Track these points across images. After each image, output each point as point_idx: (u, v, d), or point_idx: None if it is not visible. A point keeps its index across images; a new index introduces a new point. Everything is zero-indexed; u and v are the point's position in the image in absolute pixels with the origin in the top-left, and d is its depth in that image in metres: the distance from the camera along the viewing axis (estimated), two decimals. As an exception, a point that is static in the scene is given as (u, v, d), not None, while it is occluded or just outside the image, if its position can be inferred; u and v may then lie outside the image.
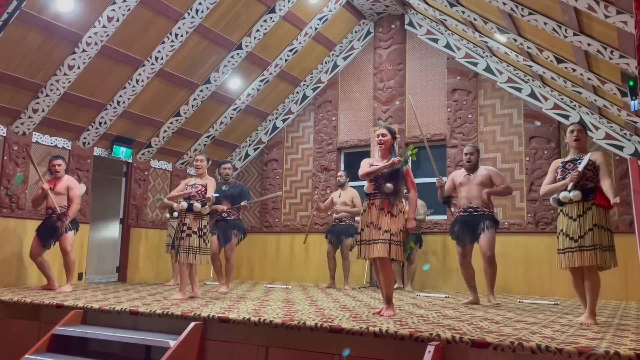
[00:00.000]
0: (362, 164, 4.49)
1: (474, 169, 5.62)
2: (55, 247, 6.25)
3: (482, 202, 5.46)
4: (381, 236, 4.16)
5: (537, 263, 7.18)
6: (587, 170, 4.02)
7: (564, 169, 4.15)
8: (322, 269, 8.17)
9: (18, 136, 6.70)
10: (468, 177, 5.57)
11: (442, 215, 8.01)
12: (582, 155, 4.15)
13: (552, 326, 3.70)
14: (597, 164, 4.03)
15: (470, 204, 5.51)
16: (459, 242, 5.51)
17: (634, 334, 3.36)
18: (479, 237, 5.40)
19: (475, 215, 5.46)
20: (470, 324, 3.70)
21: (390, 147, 4.44)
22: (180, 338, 3.70)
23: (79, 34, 6.30)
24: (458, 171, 5.89)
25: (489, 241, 5.36)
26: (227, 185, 6.76)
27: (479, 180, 5.52)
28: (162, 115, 8.06)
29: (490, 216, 5.49)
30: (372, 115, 8.76)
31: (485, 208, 5.48)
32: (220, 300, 5.12)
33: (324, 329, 3.39)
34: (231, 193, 6.68)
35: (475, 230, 5.43)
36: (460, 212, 5.59)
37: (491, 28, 6.04)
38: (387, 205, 4.24)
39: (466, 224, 5.49)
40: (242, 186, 6.93)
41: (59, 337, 4.25)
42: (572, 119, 7.22)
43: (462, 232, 5.49)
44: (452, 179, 5.76)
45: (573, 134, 4.19)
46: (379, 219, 4.23)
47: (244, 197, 6.72)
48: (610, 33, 4.14)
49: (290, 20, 7.96)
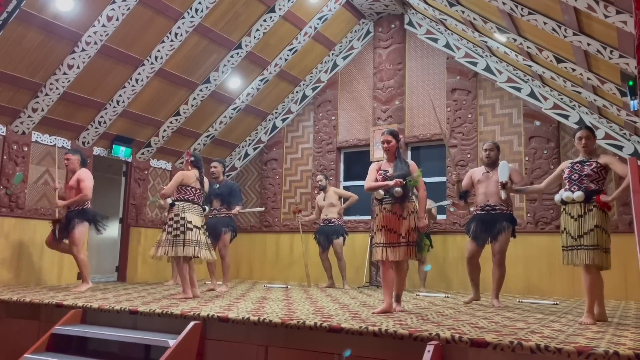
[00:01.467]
0: (369, 170, 4.70)
1: (493, 165, 5.45)
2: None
3: (500, 200, 5.28)
4: (396, 240, 4.39)
5: (536, 263, 7.18)
6: (595, 173, 4.10)
7: (572, 169, 4.22)
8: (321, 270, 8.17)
9: (17, 135, 6.70)
10: (487, 174, 5.42)
11: (441, 215, 8.01)
12: (590, 158, 4.21)
13: (551, 326, 3.70)
14: (610, 165, 4.12)
15: (487, 201, 5.34)
16: (477, 241, 5.34)
17: (633, 334, 3.36)
18: (496, 238, 5.26)
19: (493, 214, 5.30)
20: (469, 323, 3.70)
21: (395, 151, 4.66)
22: (179, 337, 3.70)
23: (78, 33, 6.29)
24: (477, 168, 5.75)
25: (503, 244, 5.23)
26: (218, 183, 6.74)
27: (497, 177, 5.31)
28: (162, 114, 8.06)
29: (509, 215, 5.30)
30: (371, 114, 8.76)
31: (504, 207, 5.30)
32: (219, 300, 5.12)
33: (323, 328, 3.39)
34: (221, 192, 6.65)
35: (492, 229, 5.27)
36: (477, 210, 5.44)
37: (491, 28, 6.04)
38: (398, 209, 4.45)
39: (484, 223, 5.32)
40: (232, 185, 6.85)
41: (59, 337, 4.25)
42: (571, 119, 7.22)
43: (479, 232, 5.32)
44: (471, 175, 5.61)
45: (581, 141, 4.25)
46: (393, 223, 4.44)
47: (233, 196, 6.67)
48: (610, 33, 4.14)
49: (290, 19, 7.96)
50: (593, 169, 4.10)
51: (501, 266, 5.28)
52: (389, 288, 4.40)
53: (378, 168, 4.66)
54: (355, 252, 8.28)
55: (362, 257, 8.28)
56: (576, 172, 4.16)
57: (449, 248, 7.75)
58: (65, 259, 7.09)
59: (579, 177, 4.13)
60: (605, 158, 4.17)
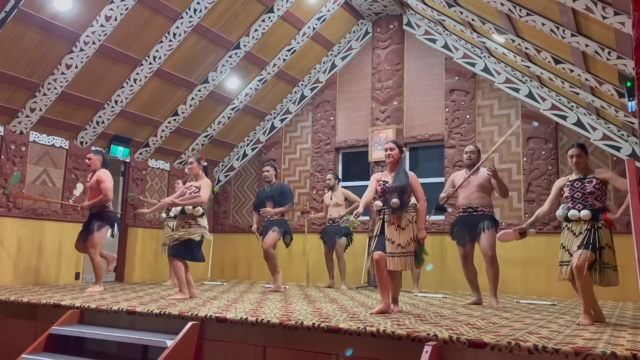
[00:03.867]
0: (370, 181, 4.80)
1: (473, 166, 5.61)
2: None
3: (481, 202, 5.46)
4: (394, 250, 4.43)
5: (534, 263, 7.19)
6: (597, 190, 4.16)
7: (572, 187, 4.26)
8: (322, 269, 8.18)
9: (15, 135, 6.68)
10: (468, 178, 5.56)
11: (440, 215, 8.01)
12: (586, 174, 4.25)
13: (549, 326, 3.71)
14: (610, 181, 4.18)
15: (469, 204, 5.50)
16: (459, 242, 5.52)
17: (631, 334, 3.37)
18: (479, 238, 5.40)
19: (474, 215, 5.46)
20: (467, 324, 3.71)
21: (397, 161, 4.69)
22: (177, 338, 3.69)
23: (76, 33, 6.28)
24: (458, 172, 5.91)
25: (489, 241, 5.35)
26: (270, 186, 6.74)
27: (478, 181, 5.52)
28: (160, 114, 8.05)
29: (490, 216, 5.49)
30: (370, 115, 8.76)
31: (485, 208, 5.48)
32: (217, 300, 5.11)
33: (321, 328, 3.39)
34: (272, 194, 6.65)
35: (474, 230, 5.43)
36: (459, 213, 5.59)
37: (489, 28, 6.05)
38: (395, 219, 4.50)
39: (466, 224, 5.49)
40: (282, 186, 6.83)
41: (56, 337, 4.24)
42: (569, 120, 7.22)
43: (461, 233, 5.50)
44: (452, 180, 5.76)
45: (572, 159, 4.32)
46: (390, 233, 4.49)
47: (283, 197, 6.63)
48: (608, 34, 4.15)
49: (288, 20, 7.96)
50: (594, 186, 4.16)
51: (493, 264, 5.38)
52: (386, 288, 4.43)
53: (378, 179, 4.72)
54: (355, 252, 8.27)
55: (360, 257, 8.28)
56: (578, 191, 4.21)
57: (446, 248, 7.75)
58: (63, 259, 7.09)
59: (583, 196, 4.18)
60: (604, 174, 4.23)
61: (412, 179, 4.59)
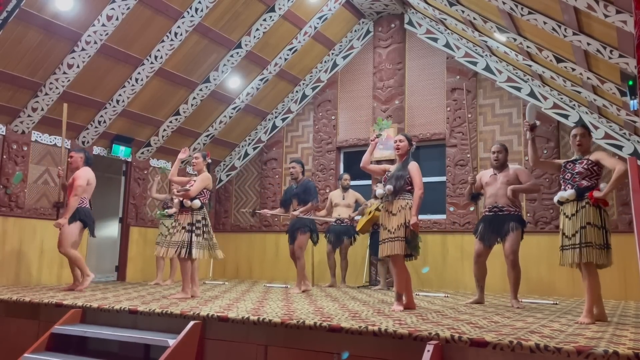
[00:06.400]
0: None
1: (501, 167, 5.45)
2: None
3: (508, 201, 5.29)
4: (385, 236, 4.50)
5: (536, 262, 7.18)
6: (586, 170, 4.08)
7: (565, 168, 4.23)
8: (323, 269, 8.18)
9: (17, 135, 6.70)
10: (494, 176, 5.43)
11: (441, 215, 8.01)
12: (583, 155, 4.18)
13: (551, 325, 3.70)
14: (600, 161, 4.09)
15: (495, 203, 5.33)
16: (484, 241, 5.35)
17: (633, 333, 3.36)
18: (504, 239, 5.26)
19: (500, 215, 5.29)
20: (469, 323, 3.70)
21: (406, 153, 4.71)
22: (179, 337, 3.69)
23: (78, 32, 6.29)
24: (485, 170, 5.73)
25: (513, 244, 5.20)
26: (297, 183, 6.63)
27: (505, 179, 5.34)
28: (162, 114, 8.06)
29: (517, 216, 5.28)
30: (371, 114, 8.75)
31: (512, 207, 5.29)
32: (219, 300, 5.12)
33: (323, 328, 3.38)
34: (297, 192, 6.52)
35: (500, 230, 5.27)
36: (485, 212, 5.44)
37: (491, 27, 6.04)
38: (389, 205, 4.57)
39: (491, 224, 5.32)
40: (307, 183, 6.58)
41: (58, 336, 4.24)
42: (571, 119, 7.21)
43: (486, 232, 5.34)
44: (480, 178, 5.62)
45: (576, 139, 4.23)
46: (385, 220, 4.57)
47: (307, 194, 6.44)
48: (610, 32, 4.14)
49: (289, 19, 7.95)
50: (584, 166, 4.09)
51: (515, 267, 5.24)
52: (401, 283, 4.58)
53: (386, 168, 4.85)
54: (356, 252, 8.27)
55: (362, 257, 8.28)
56: (569, 172, 4.17)
57: (448, 248, 7.75)
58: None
59: (572, 176, 4.14)
60: (596, 154, 4.15)
61: (411, 167, 4.57)
